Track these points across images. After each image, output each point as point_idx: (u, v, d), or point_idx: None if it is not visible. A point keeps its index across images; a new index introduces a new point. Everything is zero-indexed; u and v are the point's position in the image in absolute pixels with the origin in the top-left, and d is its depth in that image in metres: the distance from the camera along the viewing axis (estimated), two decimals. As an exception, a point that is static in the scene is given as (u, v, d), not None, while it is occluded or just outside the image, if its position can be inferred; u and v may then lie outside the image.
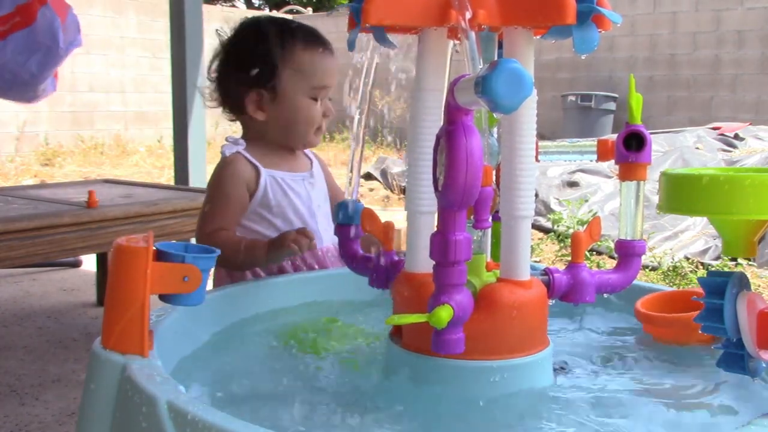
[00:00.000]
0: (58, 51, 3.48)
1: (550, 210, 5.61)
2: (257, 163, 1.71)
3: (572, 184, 6.04)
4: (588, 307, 1.21)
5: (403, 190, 6.80)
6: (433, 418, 1.01)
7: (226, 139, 1.77)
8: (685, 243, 4.87)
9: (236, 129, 1.84)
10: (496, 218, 1.13)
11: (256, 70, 1.73)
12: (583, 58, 1.00)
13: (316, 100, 1.74)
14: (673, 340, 1.25)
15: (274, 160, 1.75)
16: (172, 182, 4.67)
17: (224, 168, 1.71)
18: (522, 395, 1.04)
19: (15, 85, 3.51)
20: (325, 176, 1.88)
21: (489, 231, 1.16)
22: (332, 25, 13.25)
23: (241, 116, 1.78)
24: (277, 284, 1.50)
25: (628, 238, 1.19)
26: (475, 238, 1.02)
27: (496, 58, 1.02)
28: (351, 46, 1.14)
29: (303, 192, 1.76)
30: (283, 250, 1.51)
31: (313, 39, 1.78)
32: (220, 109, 1.82)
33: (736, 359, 1.00)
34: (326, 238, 1.75)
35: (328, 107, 1.77)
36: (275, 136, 1.76)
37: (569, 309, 1.23)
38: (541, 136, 1.17)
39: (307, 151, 1.88)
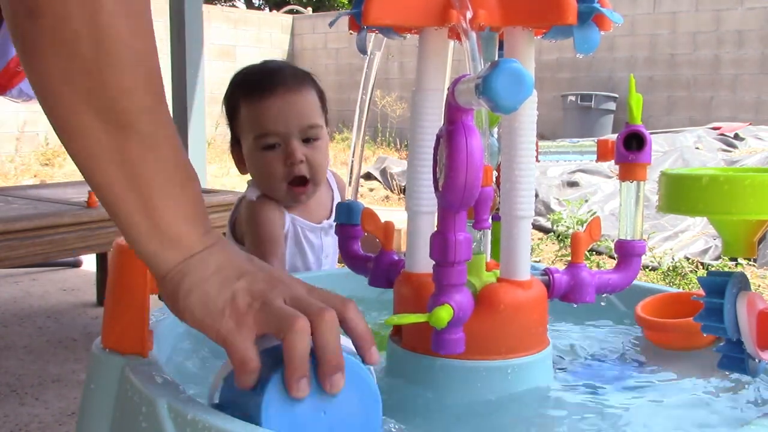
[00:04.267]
0: None
1: (550, 210, 5.61)
2: (281, 207, 1.67)
3: (572, 184, 6.04)
4: (587, 307, 1.21)
5: (403, 190, 6.80)
6: (433, 419, 1.01)
7: (248, 183, 1.72)
8: (685, 243, 4.87)
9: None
10: (496, 218, 1.13)
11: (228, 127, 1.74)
12: (580, 57, 1.00)
13: (268, 148, 1.63)
14: (674, 345, 1.24)
15: (293, 205, 1.70)
16: (172, 182, 4.66)
17: (262, 211, 1.64)
18: (522, 395, 1.04)
19: None
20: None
21: (489, 231, 1.15)
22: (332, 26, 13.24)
23: None
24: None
25: (628, 238, 1.19)
26: (476, 238, 1.02)
27: (496, 58, 1.02)
28: (362, 49, 1.13)
29: (317, 242, 1.71)
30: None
31: (260, 85, 1.65)
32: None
33: (736, 359, 1.00)
34: None
35: (290, 152, 1.61)
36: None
37: (569, 309, 1.23)
38: (541, 136, 1.17)
39: (330, 179, 1.79)
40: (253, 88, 1.66)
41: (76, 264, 4.46)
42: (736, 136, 7.32)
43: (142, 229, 0.76)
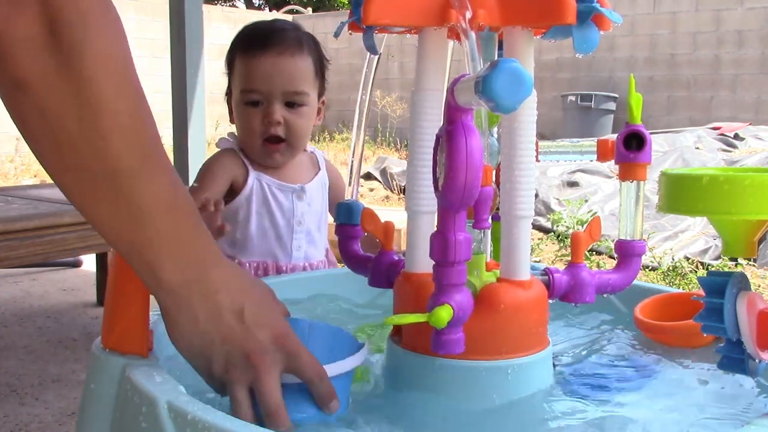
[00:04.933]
0: None
1: (550, 210, 5.61)
2: (247, 162, 1.70)
3: (572, 184, 6.04)
4: (588, 307, 1.21)
5: (403, 190, 6.80)
6: (433, 419, 1.01)
7: (228, 135, 1.77)
8: (685, 243, 4.87)
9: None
10: (496, 218, 1.13)
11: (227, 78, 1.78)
12: (580, 57, 1.00)
13: (251, 104, 1.66)
14: (673, 346, 1.24)
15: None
16: (172, 182, 4.66)
17: (213, 158, 1.72)
18: (522, 395, 1.04)
19: None
20: (333, 188, 1.81)
21: (489, 231, 1.15)
22: (332, 25, 13.26)
23: None
24: (279, 284, 1.50)
25: (628, 238, 1.19)
26: (476, 238, 1.02)
27: (496, 58, 1.02)
28: (371, 49, 1.12)
29: (287, 204, 1.71)
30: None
31: (257, 42, 1.68)
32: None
33: (736, 360, 1.00)
34: (299, 256, 1.72)
35: (269, 112, 1.65)
36: None
37: (568, 309, 1.23)
38: (541, 136, 1.17)
39: (319, 158, 1.81)
40: (251, 44, 1.69)
41: (76, 264, 4.46)
42: (736, 136, 7.32)
43: (136, 266, 0.83)
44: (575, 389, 1.10)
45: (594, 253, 4.73)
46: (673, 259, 4.51)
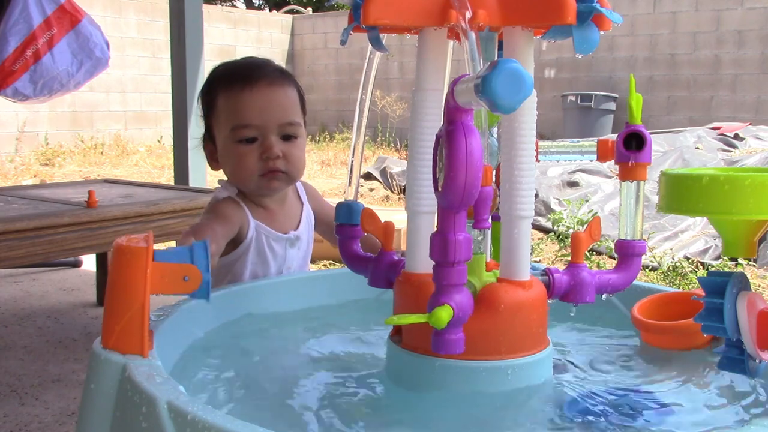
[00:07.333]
0: (106, 61, 3.75)
1: (550, 210, 5.60)
2: (248, 212, 1.63)
3: (572, 184, 6.04)
4: (587, 307, 1.21)
5: (403, 190, 6.80)
6: (433, 419, 1.01)
7: (219, 183, 1.69)
8: (685, 243, 4.87)
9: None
10: (496, 218, 1.13)
11: (203, 122, 1.69)
12: (580, 57, 1.00)
13: (245, 142, 1.58)
14: (671, 347, 1.24)
15: (260, 212, 1.65)
16: (172, 182, 4.67)
17: (221, 203, 1.62)
18: (522, 395, 1.04)
19: (59, 92, 3.75)
20: (316, 210, 1.76)
21: (489, 231, 1.15)
22: (332, 26, 13.26)
23: None
24: (278, 284, 1.50)
25: (628, 238, 1.19)
26: (476, 238, 1.02)
27: (496, 58, 1.02)
28: (377, 44, 1.12)
29: (280, 253, 1.66)
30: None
31: (242, 76, 1.61)
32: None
33: (736, 359, 1.00)
34: None
35: (268, 147, 1.57)
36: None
37: (568, 309, 1.23)
38: (540, 136, 1.17)
39: (301, 191, 1.75)
40: (234, 80, 1.62)
41: (76, 264, 4.46)
42: (736, 136, 7.32)
43: None
44: (575, 389, 1.10)
45: (594, 253, 4.73)
46: (673, 259, 4.51)
